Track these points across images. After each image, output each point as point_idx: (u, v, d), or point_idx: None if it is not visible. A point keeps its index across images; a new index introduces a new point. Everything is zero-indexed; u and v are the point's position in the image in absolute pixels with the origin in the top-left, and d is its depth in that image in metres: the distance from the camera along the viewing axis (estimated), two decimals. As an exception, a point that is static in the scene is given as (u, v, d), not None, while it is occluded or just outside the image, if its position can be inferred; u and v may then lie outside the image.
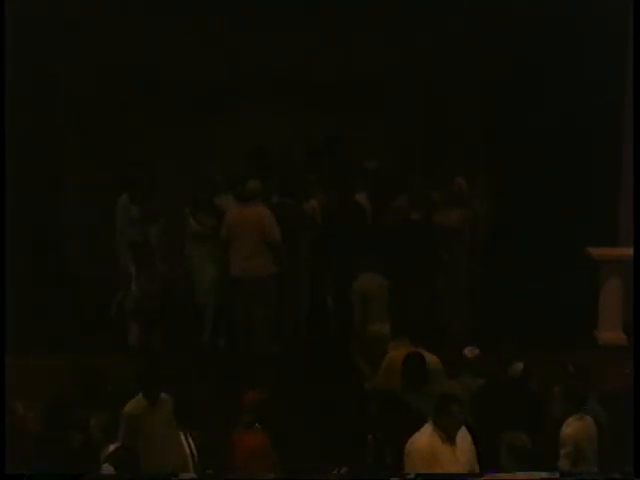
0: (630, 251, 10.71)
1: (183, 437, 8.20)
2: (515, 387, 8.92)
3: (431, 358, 9.14)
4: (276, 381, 10.06)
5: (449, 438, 7.67)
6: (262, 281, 11.01)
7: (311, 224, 11.66)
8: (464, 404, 8.00)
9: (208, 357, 11.21)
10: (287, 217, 11.21)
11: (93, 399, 8.69)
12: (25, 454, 8.14)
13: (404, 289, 10.88)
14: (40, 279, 12.07)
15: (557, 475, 7.50)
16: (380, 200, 12.00)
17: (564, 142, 12.48)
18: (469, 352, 9.15)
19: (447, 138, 13.60)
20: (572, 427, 8.17)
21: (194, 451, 8.20)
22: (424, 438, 7.69)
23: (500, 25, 12.84)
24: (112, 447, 7.97)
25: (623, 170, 11.71)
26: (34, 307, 11.57)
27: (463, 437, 7.78)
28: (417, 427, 7.81)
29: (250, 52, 13.33)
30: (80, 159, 13.44)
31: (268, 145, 12.58)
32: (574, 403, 8.33)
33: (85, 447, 8.19)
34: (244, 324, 11.18)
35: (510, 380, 9.00)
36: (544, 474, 7.46)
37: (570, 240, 11.88)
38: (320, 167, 12.55)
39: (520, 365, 9.07)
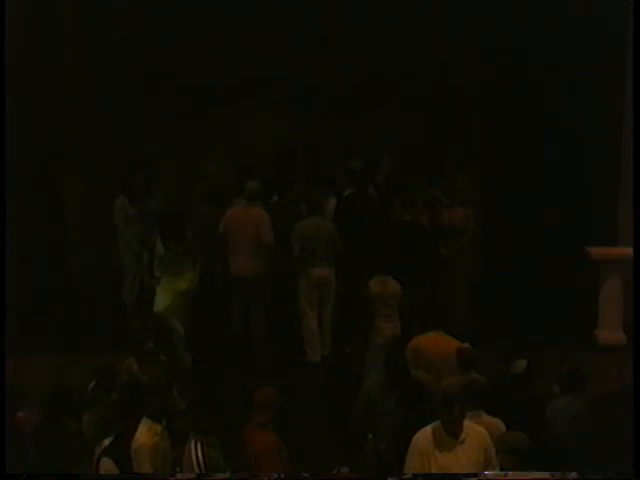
0: (630, 251, 10.68)
1: (193, 445, 7.80)
2: (517, 385, 8.91)
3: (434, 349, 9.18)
4: (276, 381, 10.04)
5: (451, 437, 7.62)
6: (260, 281, 11.03)
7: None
8: (464, 403, 7.95)
9: (207, 357, 11.21)
10: (284, 217, 11.23)
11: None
12: (24, 454, 8.15)
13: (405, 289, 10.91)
14: (40, 279, 12.07)
15: (556, 475, 7.48)
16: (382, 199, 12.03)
17: (564, 142, 12.48)
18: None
19: (447, 138, 13.59)
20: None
21: (201, 463, 7.73)
22: (425, 435, 7.67)
23: (500, 25, 12.84)
24: (107, 442, 7.89)
25: (622, 169, 11.70)
26: (34, 307, 11.57)
27: (473, 436, 7.66)
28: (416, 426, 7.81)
29: (250, 52, 13.34)
30: (80, 159, 13.45)
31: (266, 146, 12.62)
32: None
33: (79, 443, 8.15)
34: (242, 324, 11.19)
35: (512, 378, 8.99)
36: (542, 474, 7.44)
37: (570, 240, 11.87)
38: (319, 167, 12.56)
39: (524, 362, 9.04)
